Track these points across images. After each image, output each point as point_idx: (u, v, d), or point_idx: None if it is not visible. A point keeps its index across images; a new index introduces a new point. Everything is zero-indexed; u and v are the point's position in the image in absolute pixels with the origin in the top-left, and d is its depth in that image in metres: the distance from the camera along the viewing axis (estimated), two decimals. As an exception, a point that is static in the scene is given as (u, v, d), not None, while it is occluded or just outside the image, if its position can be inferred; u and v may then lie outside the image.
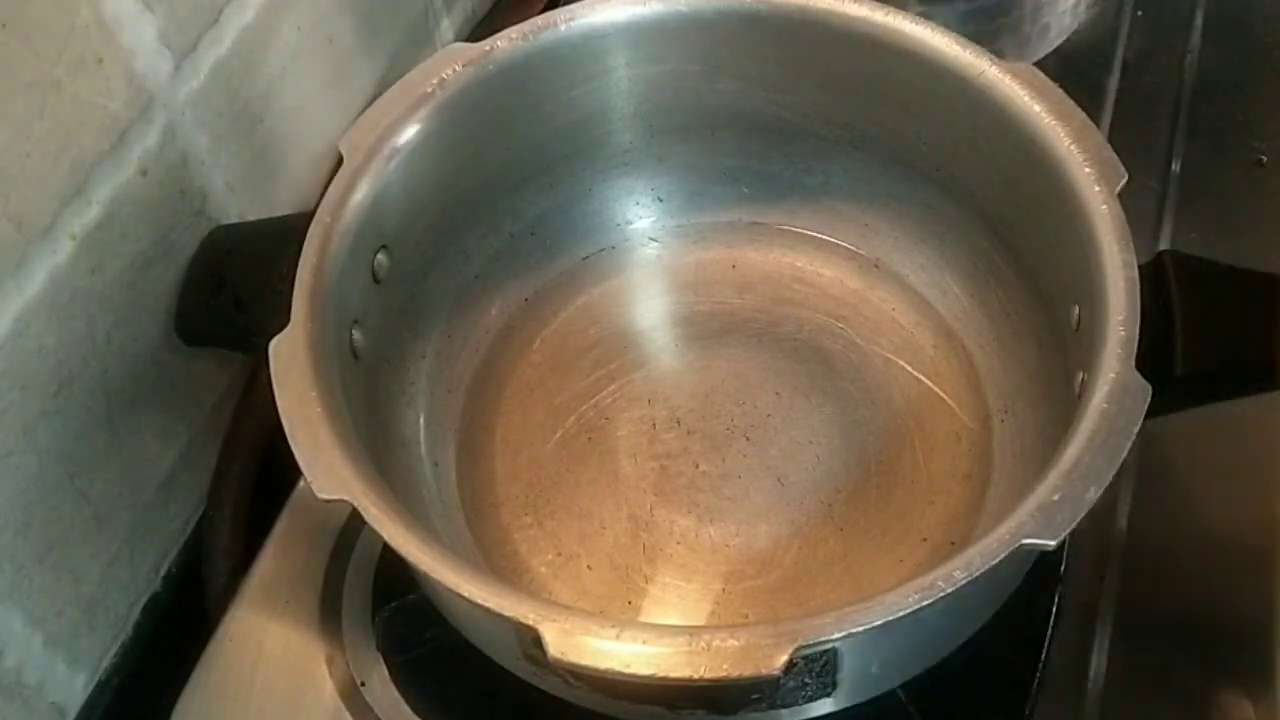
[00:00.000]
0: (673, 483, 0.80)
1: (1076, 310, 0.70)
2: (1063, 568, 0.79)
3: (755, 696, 0.64)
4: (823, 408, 0.82)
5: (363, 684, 0.77)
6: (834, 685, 0.64)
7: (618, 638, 0.56)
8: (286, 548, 0.83)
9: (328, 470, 0.62)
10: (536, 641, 0.57)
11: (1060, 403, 0.72)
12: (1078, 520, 0.58)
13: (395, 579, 0.78)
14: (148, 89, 0.75)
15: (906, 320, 0.86)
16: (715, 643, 0.56)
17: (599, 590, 0.76)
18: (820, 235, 0.88)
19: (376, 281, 0.75)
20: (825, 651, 0.60)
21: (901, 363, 0.84)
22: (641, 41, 0.80)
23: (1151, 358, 0.64)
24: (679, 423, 0.82)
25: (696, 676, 0.55)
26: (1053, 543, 0.57)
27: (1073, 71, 1.05)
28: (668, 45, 0.81)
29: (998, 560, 0.57)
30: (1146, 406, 0.61)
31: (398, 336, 0.79)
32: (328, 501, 0.61)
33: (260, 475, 0.87)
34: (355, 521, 0.79)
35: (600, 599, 0.76)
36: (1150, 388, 0.61)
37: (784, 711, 0.66)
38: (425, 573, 0.60)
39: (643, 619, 0.75)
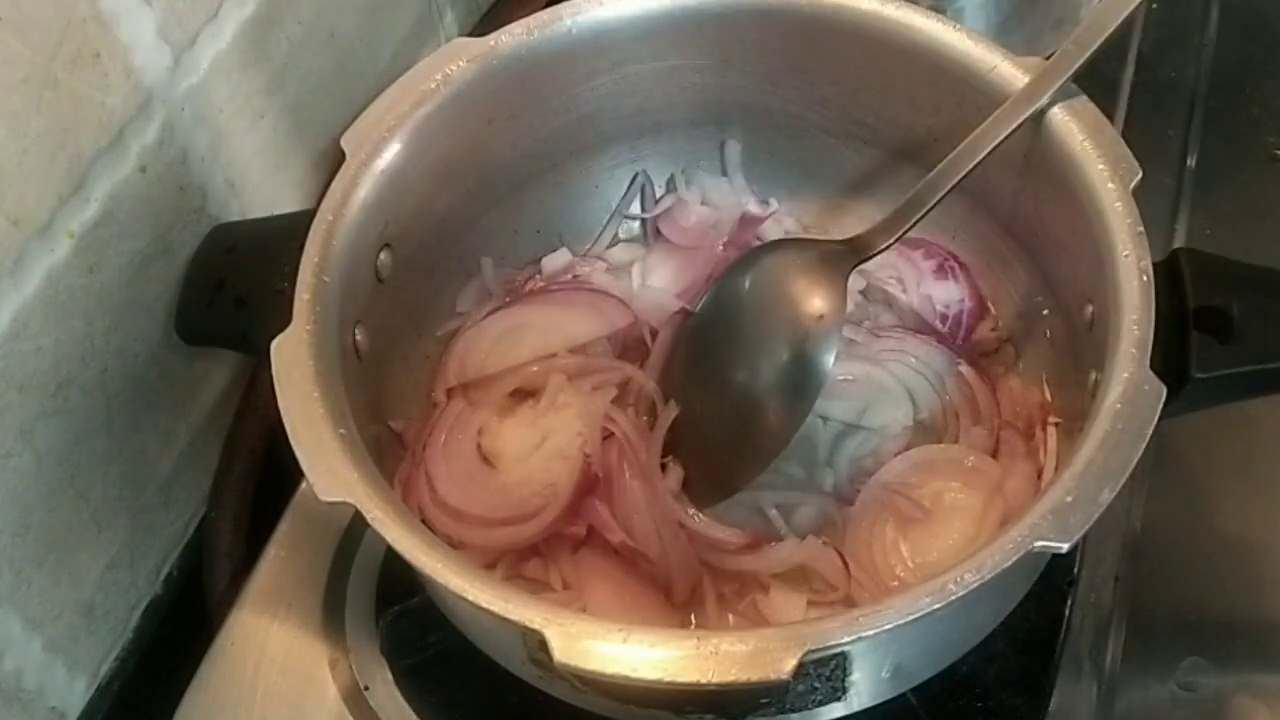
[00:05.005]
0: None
1: (1090, 309, 0.69)
2: (1076, 569, 0.78)
3: (764, 701, 0.63)
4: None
5: (366, 688, 0.77)
6: (844, 690, 0.64)
7: (624, 641, 0.56)
8: (289, 550, 0.82)
9: (330, 472, 0.61)
10: (542, 645, 0.56)
11: (1074, 402, 0.71)
12: (1091, 522, 0.57)
13: (399, 582, 0.78)
14: (146, 84, 0.74)
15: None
16: (724, 647, 0.55)
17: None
18: (829, 232, 0.88)
19: (379, 280, 0.74)
20: (835, 656, 0.60)
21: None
22: (648, 36, 0.79)
23: (1166, 357, 0.63)
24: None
25: (704, 681, 0.55)
26: (1065, 545, 0.57)
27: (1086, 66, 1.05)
28: (675, 40, 0.80)
29: (1010, 563, 0.56)
30: (1160, 407, 0.60)
31: (401, 336, 0.79)
32: (330, 504, 0.60)
33: (262, 477, 0.86)
34: (358, 524, 0.78)
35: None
36: (1165, 388, 0.60)
37: (794, 716, 0.66)
38: (429, 576, 0.59)
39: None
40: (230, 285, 0.77)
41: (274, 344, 0.65)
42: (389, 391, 0.77)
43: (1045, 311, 0.77)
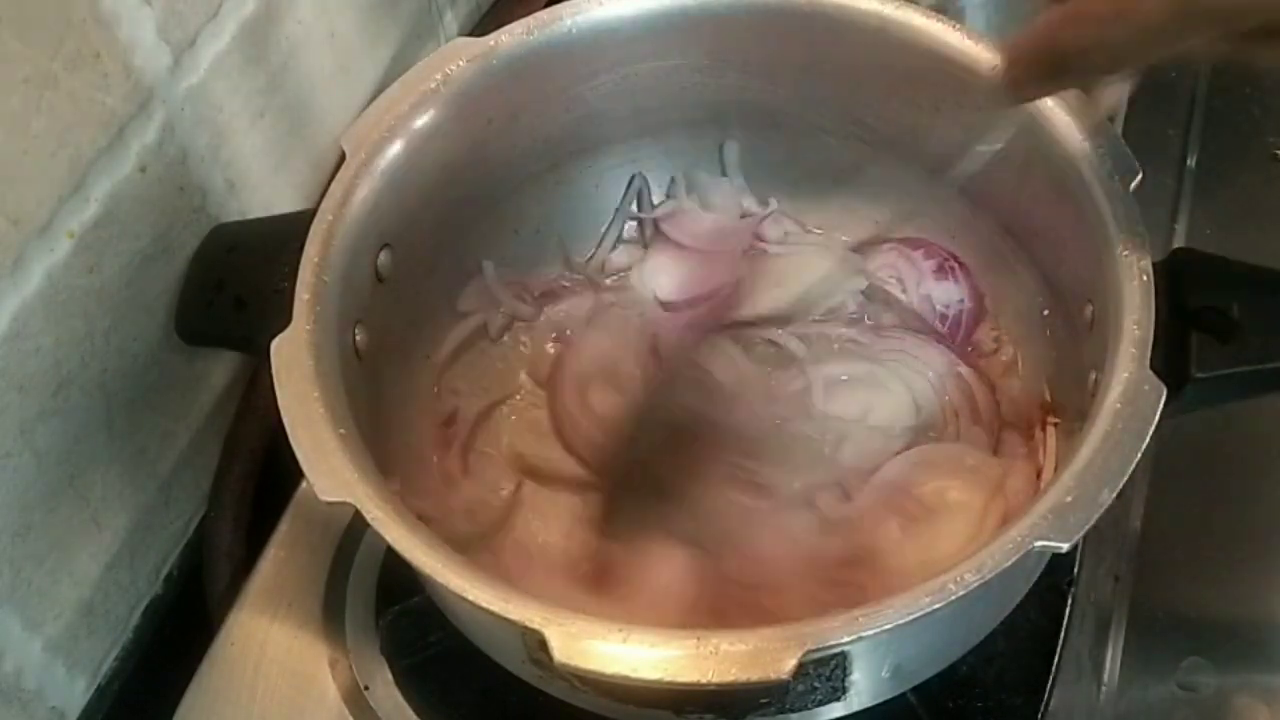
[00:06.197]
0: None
1: (1090, 308, 0.69)
2: (1076, 569, 0.78)
3: (764, 701, 0.63)
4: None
5: (366, 688, 0.77)
6: (844, 689, 0.63)
7: (624, 641, 0.55)
8: (289, 550, 0.82)
9: (330, 472, 0.61)
10: (542, 645, 0.56)
11: (1074, 402, 0.71)
12: (1091, 522, 0.57)
13: (399, 582, 0.78)
14: (146, 84, 0.74)
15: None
16: (724, 646, 0.55)
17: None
18: (829, 231, 0.88)
19: (380, 280, 0.74)
20: (835, 655, 0.60)
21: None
22: (648, 36, 0.79)
23: (1166, 357, 0.63)
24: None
25: (704, 681, 0.55)
26: (1065, 545, 0.57)
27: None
28: (675, 40, 0.80)
29: (1010, 562, 0.56)
30: (1161, 407, 0.60)
31: (401, 336, 0.78)
32: (330, 504, 0.60)
33: (262, 476, 0.86)
34: (358, 523, 0.78)
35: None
36: (1164, 388, 0.60)
37: (793, 716, 0.65)
38: (429, 576, 0.59)
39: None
40: (230, 285, 0.77)
41: (274, 344, 0.65)
42: (389, 391, 0.77)
43: (1045, 311, 0.77)
